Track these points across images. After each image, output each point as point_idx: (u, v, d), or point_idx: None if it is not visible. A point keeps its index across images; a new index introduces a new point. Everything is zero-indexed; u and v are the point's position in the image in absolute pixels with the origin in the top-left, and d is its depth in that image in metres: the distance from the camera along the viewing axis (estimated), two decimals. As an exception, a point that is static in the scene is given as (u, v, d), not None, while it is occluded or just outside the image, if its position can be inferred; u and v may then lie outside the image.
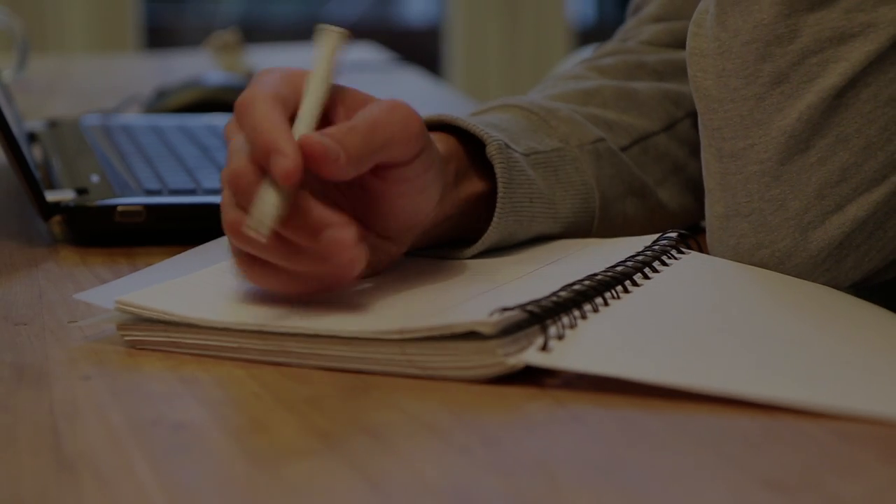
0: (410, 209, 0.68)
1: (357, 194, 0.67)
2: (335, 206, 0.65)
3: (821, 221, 0.70)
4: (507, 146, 0.75)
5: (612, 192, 0.80)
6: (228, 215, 0.64)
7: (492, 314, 0.59)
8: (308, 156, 0.62)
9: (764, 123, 0.70)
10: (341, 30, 0.69)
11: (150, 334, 0.65)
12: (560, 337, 0.60)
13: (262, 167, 0.63)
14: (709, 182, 0.73)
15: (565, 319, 0.61)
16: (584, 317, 0.62)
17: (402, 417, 0.56)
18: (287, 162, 0.61)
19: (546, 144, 0.78)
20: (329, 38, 0.69)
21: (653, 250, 0.71)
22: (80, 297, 0.68)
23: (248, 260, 0.64)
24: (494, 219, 0.73)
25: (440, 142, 0.72)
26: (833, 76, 0.69)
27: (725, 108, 0.71)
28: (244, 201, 0.63)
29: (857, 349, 0.63)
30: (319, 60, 0.68)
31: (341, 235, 0.62)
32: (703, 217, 0.87)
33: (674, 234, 0.73)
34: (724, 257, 0.72)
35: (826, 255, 0.70)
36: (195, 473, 0.51)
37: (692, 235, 0.74)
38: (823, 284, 0.71)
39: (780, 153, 0.70)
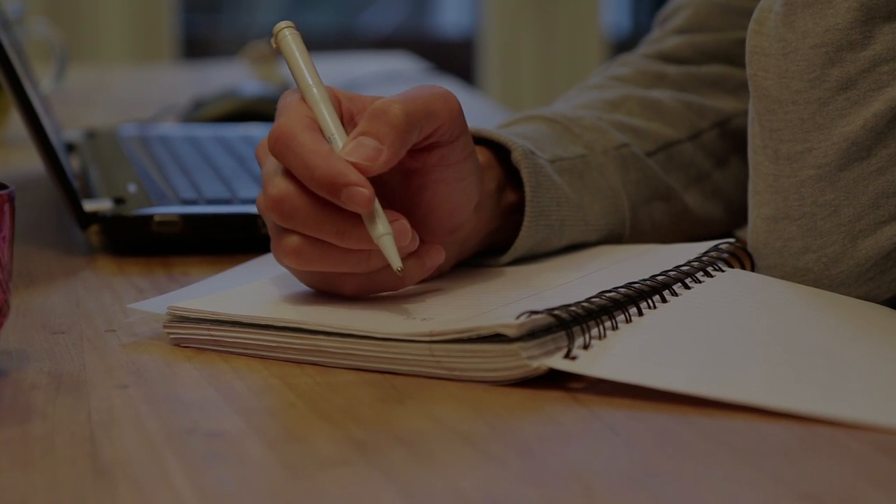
0: (450, 200, 0.69)
1: (397, 195, 0.68)
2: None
3: (872, 231, 0.69)
4: (532, 152, 0.75)
5: (639, 197, 0.81)
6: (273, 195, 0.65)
7: (518, 317, 0.59)
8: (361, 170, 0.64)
9: (825, 128, 0.69)
10: (290, 23, 0.69)
11: (193, 332, 0.66)
12: (586, 345, 0.60)
13: (310, 190, 0.64)
14: (758, 184, 0.72)
15: (594, 326, 0.61)
16: (615, 326, 0.62)
17: (437, 427, 0.56)
18: (364, 192, 0.63)
19: (570, 151, 0.79)
20: (291, 37, 0.69)
21: (700, 261, 0.71)
22: (133, 306, 0.69)
23: (298, 243, 0.65)
24: (524, 223, 0.73)
25: (478, 152, 0.72)
26: None
27: (786, 110, 0.70)
28: (289, 224, 0.65)
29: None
30: (299, 64, 0.68)
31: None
32: (727, 226, 0.87)
33: (725, 245, 0.73)
34: (767, 259, 0.72)
35: (872, 264, 0.70)
36: (231, 482, 0.51)
37: (744, 248, 0.73)
38: (864, 293, 0.70)
39: (840, 159, 0.69)
